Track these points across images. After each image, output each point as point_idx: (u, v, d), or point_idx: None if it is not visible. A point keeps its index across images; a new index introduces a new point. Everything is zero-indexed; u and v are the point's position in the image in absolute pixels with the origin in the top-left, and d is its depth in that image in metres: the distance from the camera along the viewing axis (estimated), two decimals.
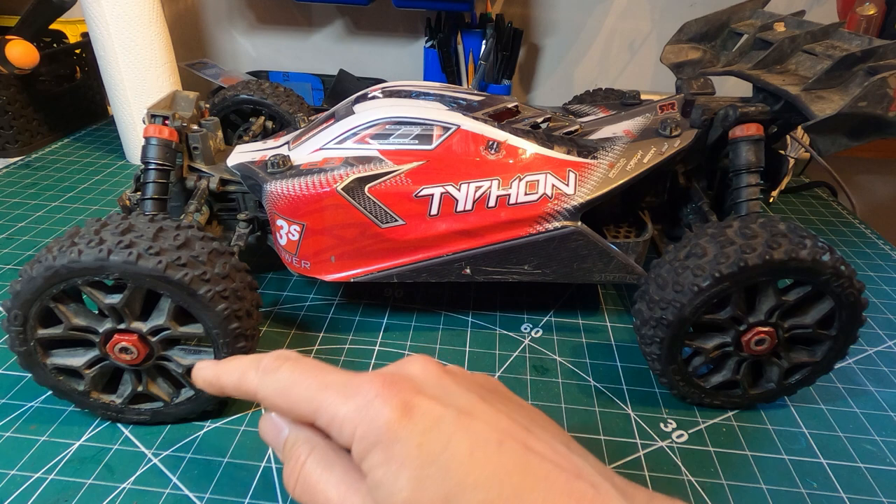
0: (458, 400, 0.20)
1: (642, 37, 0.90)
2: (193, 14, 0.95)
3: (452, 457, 0.18)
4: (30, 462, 0.35)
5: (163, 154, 0.42)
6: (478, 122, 0.43)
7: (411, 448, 0.18)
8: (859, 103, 0.36)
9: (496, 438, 0.19)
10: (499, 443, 0.19)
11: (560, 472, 0.18)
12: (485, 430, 0.19)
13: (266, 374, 0.21)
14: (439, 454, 0.18)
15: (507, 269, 0.44)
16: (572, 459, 0.19)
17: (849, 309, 0.36)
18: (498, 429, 0.19)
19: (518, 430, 0.19)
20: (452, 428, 0.19)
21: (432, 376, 0.21)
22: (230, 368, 0.22)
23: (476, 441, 0.18)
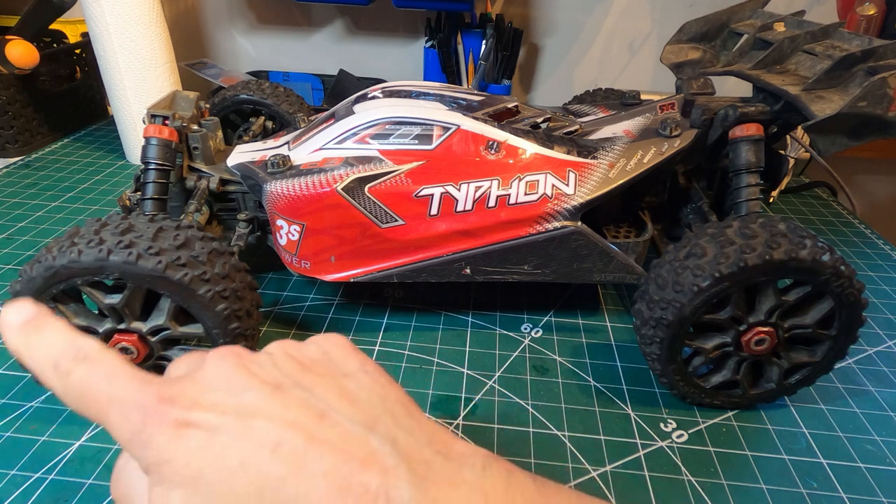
0: (242, 399, 0.18)
1: (642, 37, 0.90)
2: (193, 14, 0.95)
3: (223, 469, 0.17)
4: (30, 462, 0.35)
5: (163, 154, 0.42)
6: (478, 122, 0.43)
7: (181, 467, 0.17)
8: (859, 103, 0.36)
9: (273, 440, 0.17)
10: (274, 446, 0.17)
11: (342, 465, 0.17)
12: (263, 433, 0.17)
13: (61, 376, 0.19)
14: (209, 469, 0.17)
15: (507, 269, 0.44)
16: (368, 444, 0.18)
17: (849, 309, 0.36)
18: (282, 424, 0.18)
19: (308, 418, 0.18)
20: (227, 438, 0.17)
21: (221, 375, 0.19)
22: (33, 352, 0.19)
23: (250, 448, 0.17)
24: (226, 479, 0.17)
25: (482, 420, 0.39)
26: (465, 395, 0.41)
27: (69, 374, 0.19)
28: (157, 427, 0.17)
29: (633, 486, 0.35)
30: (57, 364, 0.19)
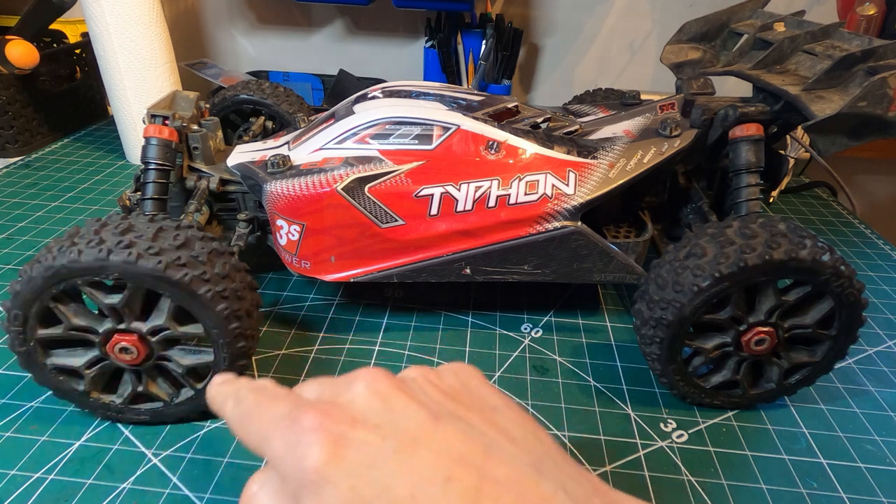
0: (404, 424, 0.18)
1: (642, 37, 0.90)
2: (193, 14, 0.95)
3: (391, 500, 0.16)
4: (30, 462, 0.35)
5: (163, 154, 0.42)
6: (478, 122, 0.43)
7: (343, 492, 0.16)
8: (859, 103, 0.36)
9: (443, 474, 0.16)
10: (446, 480, 0.16)
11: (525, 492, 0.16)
12: (431, 463, 0.16)
13: (237, 404, 0.20)
14: (375, 497, 0.16)
15: (507, 269, 0.44)
16: (540, 488, 0.16)
17: (849, 309, 0.36)
18: (449, 458, 0.17)
19: (475, 454, 0.17)
20: (392, 465, 0.16)
21: (377, 397, 0.19)
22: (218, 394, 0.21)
23: (419, 479, 0.16)
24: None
25: None
26: None
27: (243, 401, 0.19)
28: (315, 443, 0.17)
29: (633, 486, 0.35)
30: (237, 393, 0.20)
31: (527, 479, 0.16)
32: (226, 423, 0.20)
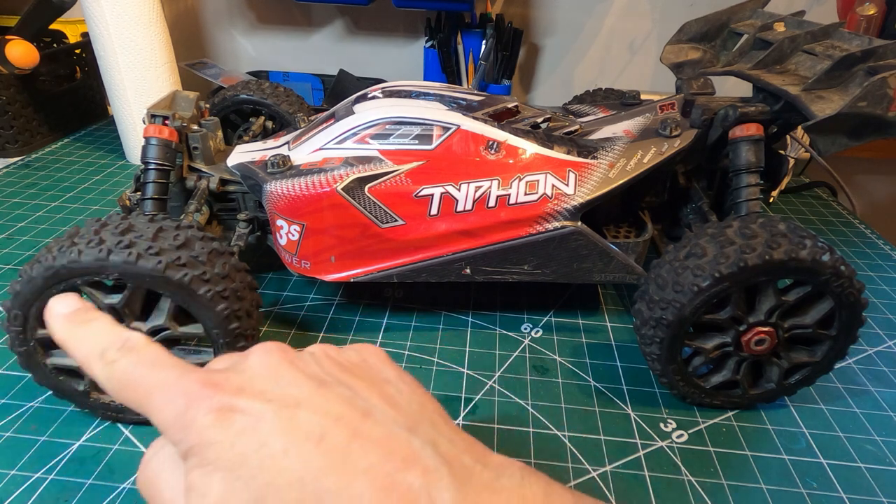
0: (288, 390, 0.19)
1: (642, 37, 0.90)
2: (193, 14, 0.95)
3: (266, 456, 0.17)
4: (30, 462, 0.35)
5: (163, 154, 0.42)
6: (478, 122, 0.43)
7: (224, 450, 0.17)
8: (859, 103, 0.36)
9: (318, 432, 0.18)
10: (320, 437, 0.17)
11: (385, 463, 0.17)
12: (308, 423, 0.18)
13: (106, 365, 0.20)
14: (253, 454, 0.17)
15: (507, 269, 0.44)
16: (410, 445, 0.18)
17: (849, 309, 0.36)
18: (327, 417, 0.18)
19: (352, 416, 0.18)
20: (271, 425, 0.18)
21: (267, 367, 0.20)
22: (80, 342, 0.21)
23: (294, 437, 0.17)
24: (268, 465, 0.17)
25: (482, 420, 0.39)
26: (465, 395, 0.41)
27: (115, 363, 0.20)
28: (201, 410, 0.18)
29: (633, 487, 0.35)
30: (103, 353, 0.20)
31: (398, 438, 0.18)
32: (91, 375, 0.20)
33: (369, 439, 0.18)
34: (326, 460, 0.17)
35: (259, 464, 0.17)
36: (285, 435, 0.17)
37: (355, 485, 0.17)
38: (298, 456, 0.17)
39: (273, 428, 0.17)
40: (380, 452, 0.17)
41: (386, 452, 0.17)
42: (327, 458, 0.17)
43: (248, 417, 0.18)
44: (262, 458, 0.17)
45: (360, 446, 0.17)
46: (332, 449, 0.17)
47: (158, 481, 0.19)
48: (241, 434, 0.17)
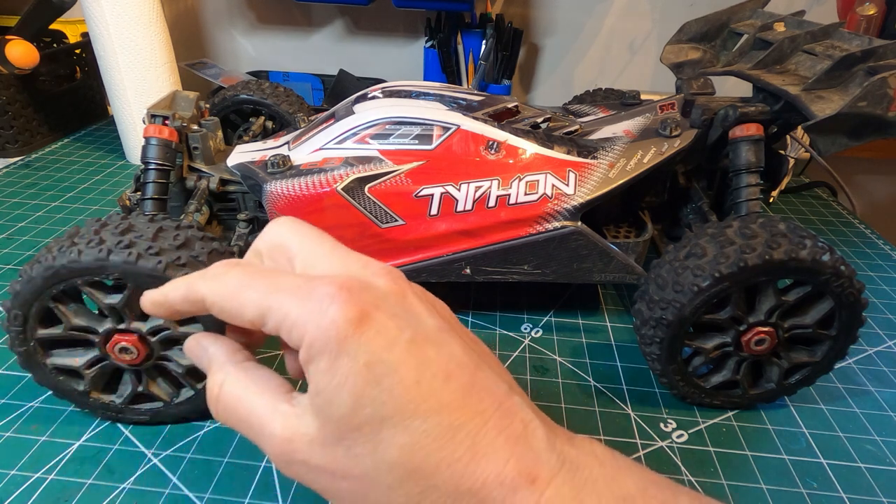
0: (417, 324, 0.20)
1: (642, 37, 0.90)
2: (193, 14, 0.95)
3: (398, 383, 0.18)
4: (30, 462, 0.35)
5: (163, 154, 0.42)
6: (478, 122, 0.43)
7: (358, 365, 0.18)
8: (859, 103, 0.36)
9: (444, 371, 0.19)
10: (446, 376, 0.19)
11: (496, 410, 0.19)
12: (436, 361, 0.19)
13: (214, 279, 0.20)
14: (385, 377, 0.18)
15: (507, 269, 0.44)
16: (512, 398, 0.20)
17: (849, 309, 0.36)
18: (451, 360, 0.19)
19: (469, 363, 0.20)
20: (404, 354, 0.18)
21: (396, 294, 0.20)
22: (176, 283, 0.22)
23: (425, 370, 0.18)
24: (400, 393, 0.18)
25: None
26: None
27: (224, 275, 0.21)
28: (342, 308, 0.18)
29: None
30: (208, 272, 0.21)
31: (502, 391, 0.20)
32: (196, 300, 0.21)
33: (483, 388, 0.19)
34: (453, 399, 0.18)
35: (391, 388, 0.18)
36: (417, 366, 0.18)
37: (474, 422, 0.18)
38: (429, 390, 0.18)
39: (406, 358, 0.18)
40: (491, 401, 0.19)
41: (496, 402, 0.19)
42: (453, 397, 0.18)
43: (383, 338, 0.18)
44: (395, 384, 0.18)
45: (477, 393, 0.19)
46: (456, 389, 0.19)
47: (243, 398, 0.20)
48: (376, 352, 0.18)
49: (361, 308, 0.18)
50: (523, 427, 0.19)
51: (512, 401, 0.19)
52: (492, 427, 0.18)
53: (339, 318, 0.18)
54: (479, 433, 0.18)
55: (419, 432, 0.18)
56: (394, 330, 0.19)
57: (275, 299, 0.19)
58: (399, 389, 0.18)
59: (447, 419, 0.18)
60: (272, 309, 0.19)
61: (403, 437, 0.18)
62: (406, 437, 0.18)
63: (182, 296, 0.21)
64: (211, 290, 0.20)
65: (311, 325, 0.18)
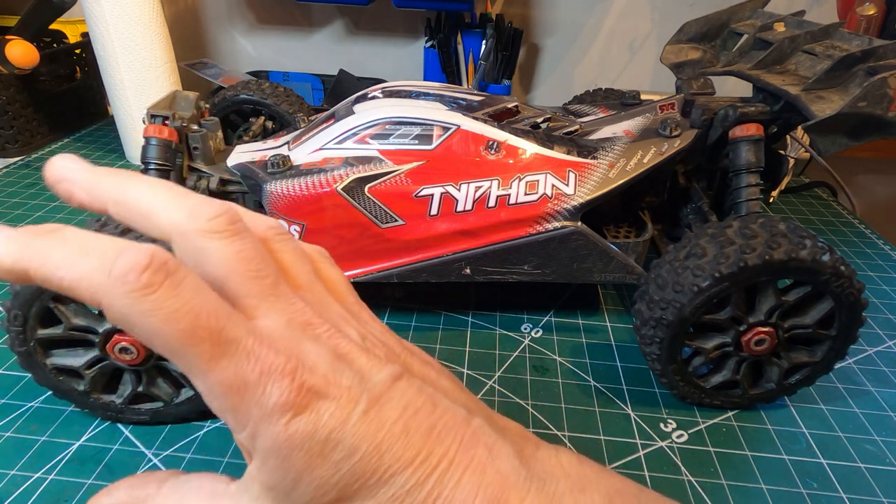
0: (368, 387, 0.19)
1: (642, 37, 0.90)
2: (193, 14, 0.95)
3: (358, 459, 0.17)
4: (30, 462, 0.35)
5: (163, 154, 0.42)
6: (478, 122, 0.43)
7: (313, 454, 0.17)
8: (859, 103, 0.36)
9: (402, 428, 0.18)
10: (404, 431, 0.18)
11: (459, 446, 0.18)
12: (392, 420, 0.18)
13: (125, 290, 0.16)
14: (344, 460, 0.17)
15: (507, 269, 0.44)
16: (472, 423, 0.19)
17: (849, 309, 0.36)
18: (406, 410, 0.18)
19: (426, 404, 0.19)
20: (361, 426, 0.17)
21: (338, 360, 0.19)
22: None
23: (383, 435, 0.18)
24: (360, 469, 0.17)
25: None
26: None
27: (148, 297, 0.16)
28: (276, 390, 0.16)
29: None
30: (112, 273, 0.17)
31: (462, 420, 0.19)
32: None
33: (443, 426, 0.18)
34: (413, 453, 0.18)
35: (351, 469, 0.17)
36: (375, 435, 0.17)
37: (440, 467, 0.18)
38: (390, 453, 0.17)
39: (362, 429, 0.17)
40: (452, 437, 0.18)
41: (457, 437, 0.18)
42: (414, 450, 0.18)
43: (335, 419, 0.17)
44: (355, 462, 0.17)
45: (437, 435, 0.18)
46: (415, 442, 0.18)
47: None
48: (327, 432, 0.17)
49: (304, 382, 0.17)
50: (488, 452, 0.18)
51: (472, 428, 0.19)
52: (456, 466, 0.18)
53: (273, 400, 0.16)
54: (445, 478, 0.18)
55: (386, 498, 0.17)
56: (345, 400, 0.17)
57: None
58: (360, 465, 0.17)
59: (412, 478, 0.17)
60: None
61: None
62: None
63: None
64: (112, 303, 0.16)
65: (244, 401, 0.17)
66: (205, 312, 0.16)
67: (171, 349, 0.16)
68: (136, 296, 0.15)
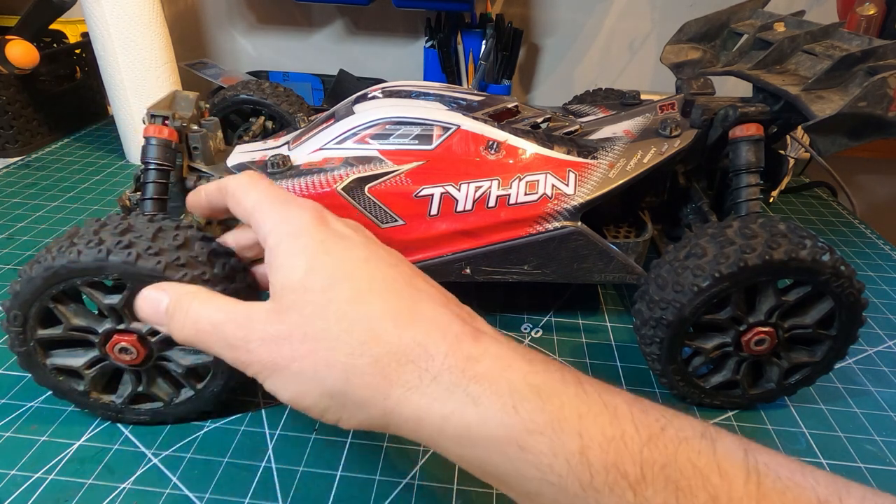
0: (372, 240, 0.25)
1: (642, 37, 0.90)
2: (193, 14, 0.95)
3: (349, 257, 0.23)
4: (30, 462, 0.35)
5: (163, 154, 0.42)
6: (478, 122, 0.43)
7: (315, 241, 0.22)
8: (859, 103, 0.36)
9: (391, 262, 0.24)
10: (393, 265, 0.23)
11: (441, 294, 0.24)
12: (385, 255, 0.24)
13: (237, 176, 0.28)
14: (337, 251, 0.22)
15: (507, 269, 0.44)
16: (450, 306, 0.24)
17: (849, 309, 0.36)
18: (397, 258, 0.24)
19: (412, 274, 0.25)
20: (354, 243, 0.23)
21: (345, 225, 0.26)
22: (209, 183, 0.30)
23: (373, 256, 0.23)
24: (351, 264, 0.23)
25: None
26: None
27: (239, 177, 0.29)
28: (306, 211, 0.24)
29: None
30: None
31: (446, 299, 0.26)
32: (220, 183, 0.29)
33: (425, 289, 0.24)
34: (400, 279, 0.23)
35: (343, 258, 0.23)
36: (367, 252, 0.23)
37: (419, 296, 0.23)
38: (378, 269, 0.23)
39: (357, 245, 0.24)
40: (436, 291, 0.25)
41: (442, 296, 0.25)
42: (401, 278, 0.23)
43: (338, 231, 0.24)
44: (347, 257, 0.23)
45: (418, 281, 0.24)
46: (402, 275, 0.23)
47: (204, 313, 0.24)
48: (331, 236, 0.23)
49: (324, 216, 0.24)
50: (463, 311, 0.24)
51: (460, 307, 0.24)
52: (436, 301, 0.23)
53: (306, 214, 0.24)
54: (422, 302, 0.22)
55: (364, 290, 0.21)
56: (350, 231, 0.24)
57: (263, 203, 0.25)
58: (351, 261, 0.22)
59: (392, 286, 0.22)
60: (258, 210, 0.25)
61: (349, 293, 0.21)
62: (352, 292, 0.21)
63: (216, 186, 0.28)
64: (228, 182, 0.28)
65: (283, 218, 0.24)
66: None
67: None
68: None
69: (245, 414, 0.39)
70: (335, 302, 0.21)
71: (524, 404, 0.20)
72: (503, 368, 0.21)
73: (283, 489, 0.34)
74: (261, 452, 0.36)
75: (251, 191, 0.26)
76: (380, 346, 0.20)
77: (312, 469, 0.35)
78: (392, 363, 0.20)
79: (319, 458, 0.36)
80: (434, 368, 0.20)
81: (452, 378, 0.20)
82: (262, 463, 0.35)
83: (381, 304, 0.21)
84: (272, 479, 0.34)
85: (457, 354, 0.21)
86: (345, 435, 0.37)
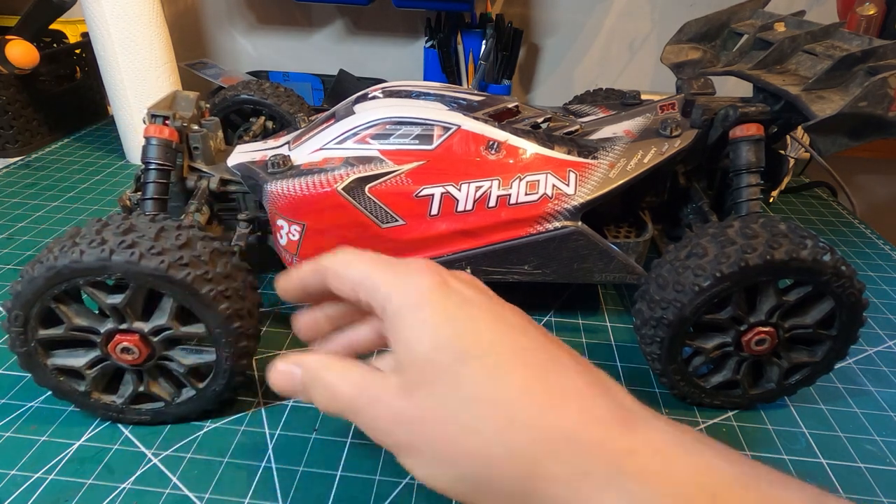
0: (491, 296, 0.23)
1: (642, 37, 0.90)
2: (193, 14, 0.95)
3: (476, 328, 0.20)
4: (30, 462, 0.35)
5: (163, 154, 0.42)
6: (478, 122, 0.43)
7: (438, 312, 0.20)
8: (859, 103, 0.36)
9: (518, 323, 0.21)
10: (522, 329, 0.21)
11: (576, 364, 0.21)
12: (512, 319, 0.21)
13: (333, 256, 0.25)
14: (462, 320, 0.20)
15: (507, 269, 0.44)
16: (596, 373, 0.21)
17: (849, 309, 0.36)
18: (526, 321, 0.22)
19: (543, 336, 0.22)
20: (479, 307, 0.21)
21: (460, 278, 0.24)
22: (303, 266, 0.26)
23: (500, 321, 0.21)
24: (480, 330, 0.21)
25: None
26: None
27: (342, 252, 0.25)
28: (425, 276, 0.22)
29: None
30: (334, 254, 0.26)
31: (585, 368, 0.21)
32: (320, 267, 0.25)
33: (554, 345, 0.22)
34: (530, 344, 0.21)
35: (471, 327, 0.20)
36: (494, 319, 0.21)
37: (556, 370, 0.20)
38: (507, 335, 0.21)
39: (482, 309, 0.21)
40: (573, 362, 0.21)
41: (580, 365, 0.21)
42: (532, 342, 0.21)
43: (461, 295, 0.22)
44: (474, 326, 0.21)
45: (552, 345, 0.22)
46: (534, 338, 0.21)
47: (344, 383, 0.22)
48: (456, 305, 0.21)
49: (444, 276, 0.22)
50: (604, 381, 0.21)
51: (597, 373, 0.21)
52: (571, 370, 0.20)
53: (424, 280, 0.21)
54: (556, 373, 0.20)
55: (495, 365, 0.19)
56: (471, 292, 0.22)
57: (374, 271, 0.23)
58: (477, 332, 0.20)
59: (523, 358, 0.20)
60: (369, 279, 0.23)
61: (479, 370, 0.19)
62: (482, 369, 0.20)
63: (311, 268, 0.26)
64: (330, 261, 0.25)
65: (401, 287, 0.21)
66: None
67: None
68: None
69: (245, 414, 0.39)
70: (466, 383, 0.20)
71: None
72: (666, 462, 0.18)
73: (283, 489, 0.34)
74: (261, 452, 0.36)
75: (357, 263, 0.24)
76: (520, 434, 0.19)
77: (312, 469, 0.35)
78: (536, 453, 0.19)
79: (319, 458, 0.36)
80: (583, 463, 0.18)
81: (608, 473, 0.18)
82: (262, 463, 0.35)
83: (516, 382, 0.19)
84: (272, 479, 0.34)
85: (607, 445, 0.19)
86: (345, 435, 0.37)
